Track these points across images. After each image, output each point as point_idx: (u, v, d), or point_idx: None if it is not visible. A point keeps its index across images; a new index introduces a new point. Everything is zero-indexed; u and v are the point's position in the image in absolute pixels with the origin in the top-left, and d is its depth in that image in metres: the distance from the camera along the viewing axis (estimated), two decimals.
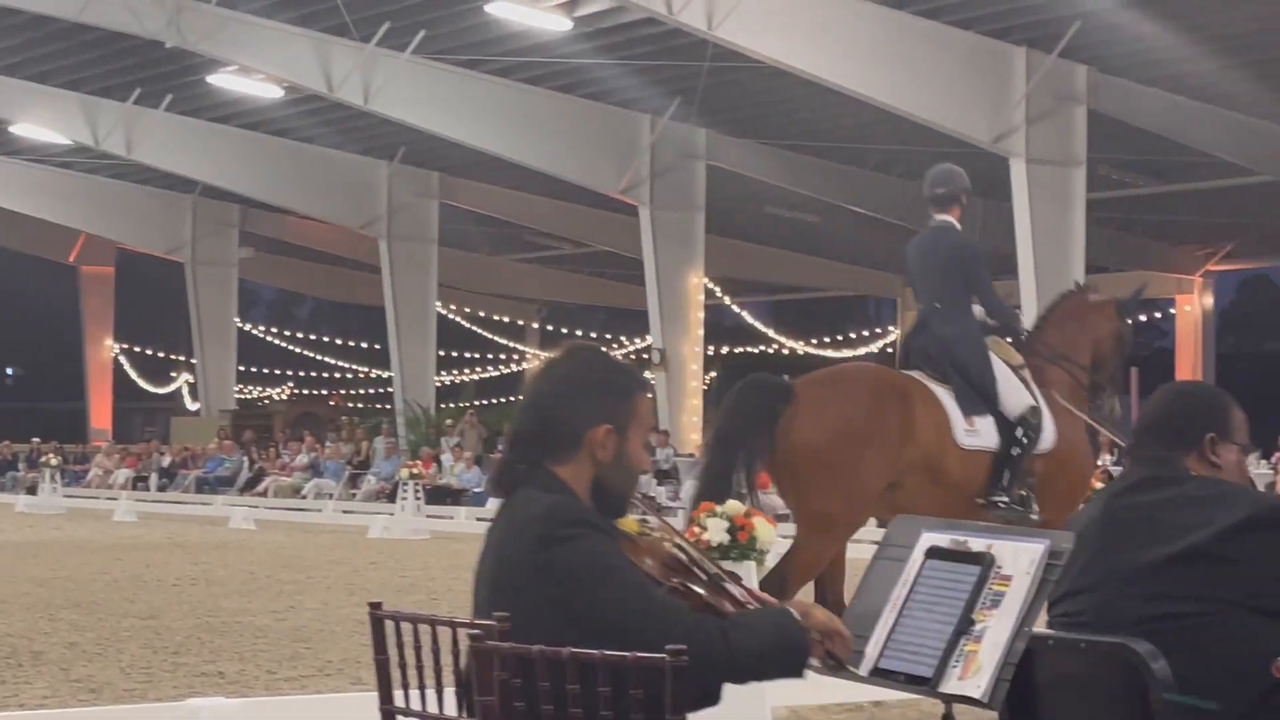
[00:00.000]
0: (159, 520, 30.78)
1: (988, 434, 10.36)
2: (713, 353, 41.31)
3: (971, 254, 10.92)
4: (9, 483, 42.86)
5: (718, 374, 42.87)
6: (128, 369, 54.55)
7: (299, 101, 36.60)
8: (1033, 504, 10.38)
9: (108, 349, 54.20)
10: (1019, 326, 11.20)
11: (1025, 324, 11.43)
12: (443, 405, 43.57)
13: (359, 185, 41.53)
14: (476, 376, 50.21)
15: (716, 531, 9.46)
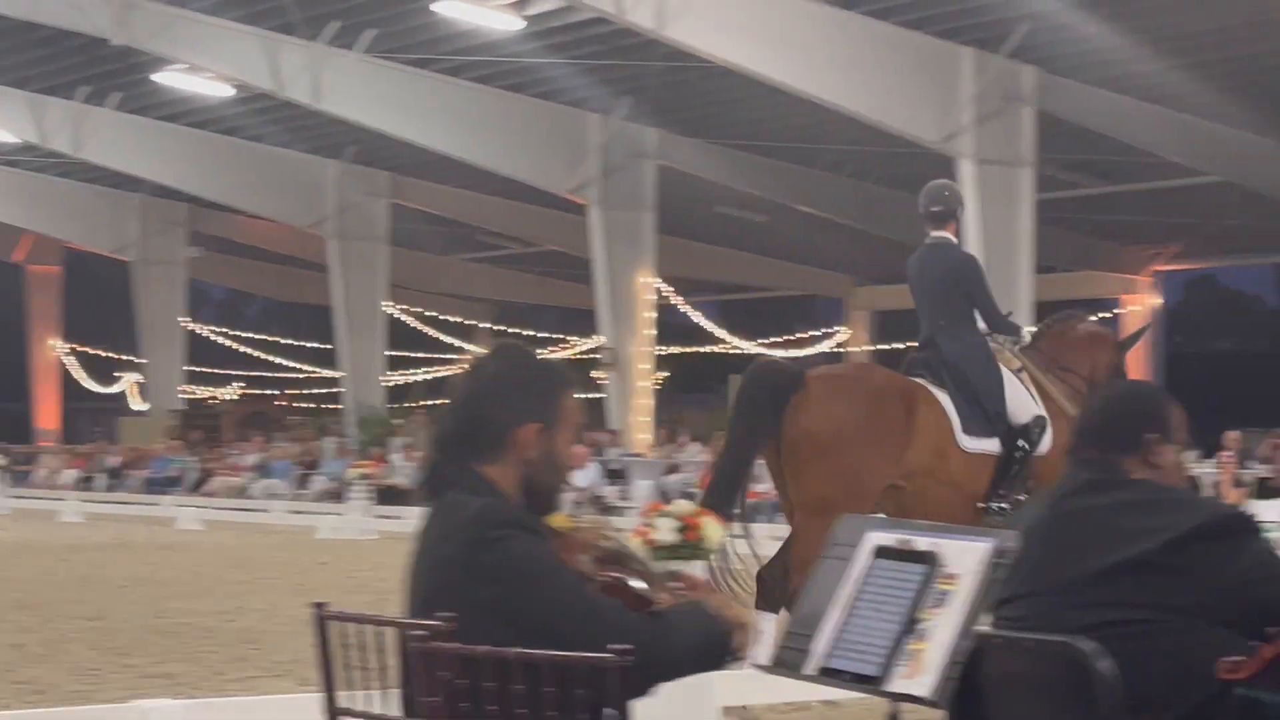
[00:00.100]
0: (106, 521, 30.61)
1: (990, 438, 10.48)
2: (663, 352, 41.27)
3: (970, 269, 11.08)
4: None
5: (668, 374, 42.89)
6: (75, 368, 54.20)
7: (248, 100, 36.43)
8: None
9: (54, 349, 53.84)
10: (1019, 334, 11.33)
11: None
12: (393, 405, 43.45)
13: (308, 184, 41.38)
14: (427, 376, 50.06)
15: (666, 531, 9.47)
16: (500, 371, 4.26)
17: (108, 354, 54.65)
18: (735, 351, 46.92)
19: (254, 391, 52.37)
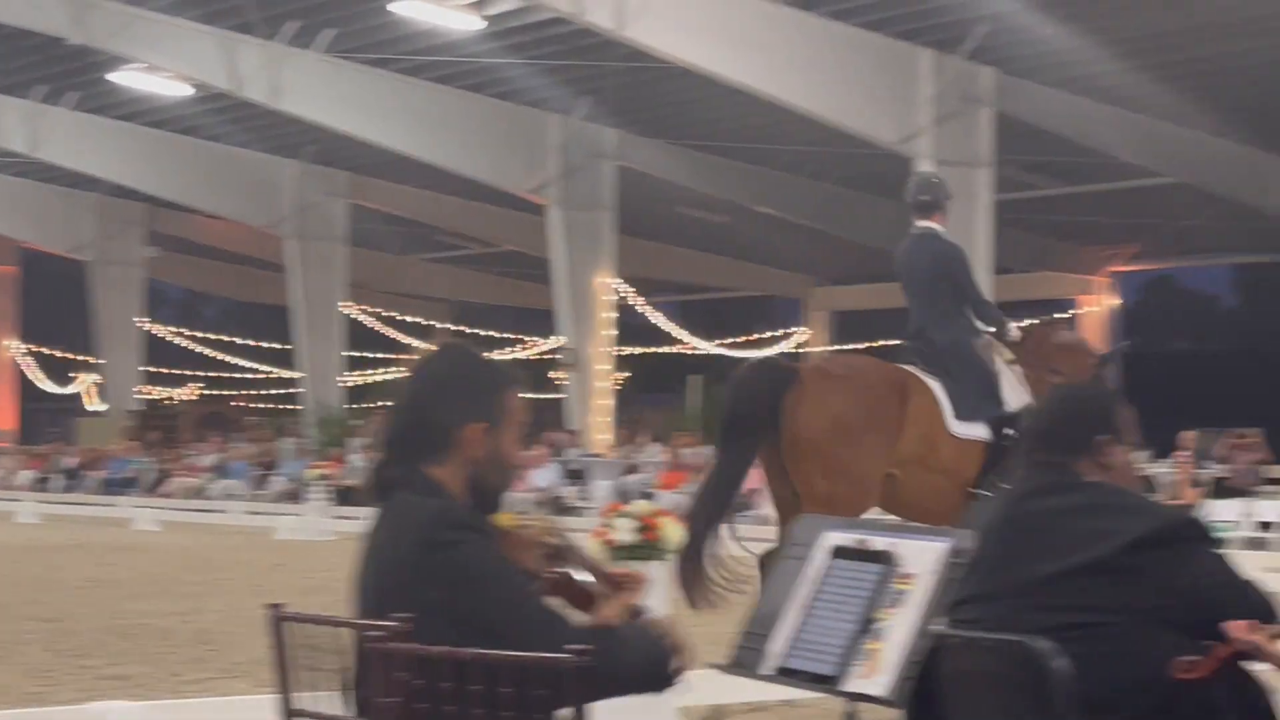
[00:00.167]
0: (63, 522, 30.44)
1: (980, 423, 10.56)
2: (622, 352, 41.23)
3: (957, 259, 11.19)
4: None
5: (628, 374, 42.85)
6: (32, 369, 53.89)
7: (206, 100, 36.27)
8: None
9: (10, 349, 53.53)
10: (1008, 328, 11.43)
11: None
12: (352, 405, 43.32)
13: (266, 184, 41.24)
14: (386, 377, 49.91)
15: (624, 531, 9.46)
16: (444, 372, 4.26)
17: (64, 354, 54.34)
18: (695, 352, 46.94)
19: (212, 392, 52.17)
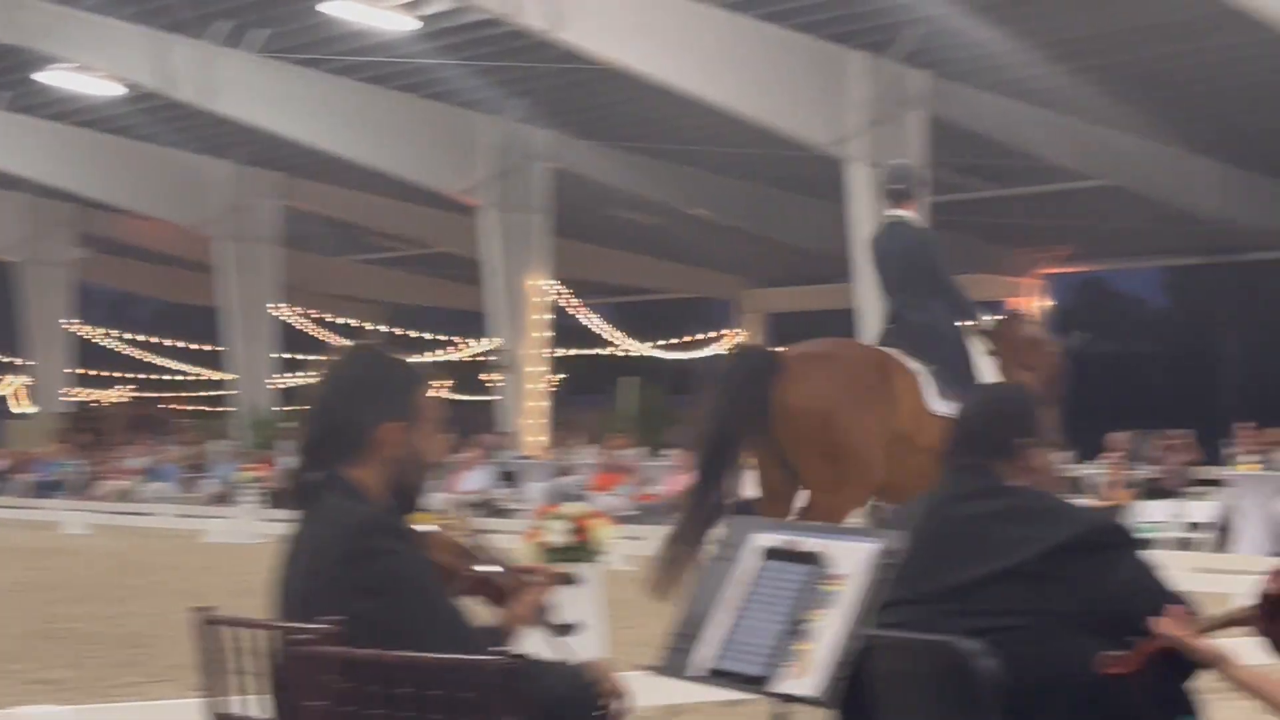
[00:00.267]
0: None
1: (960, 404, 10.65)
2: (556, 354, 41.19)
3: (931, 246, 11.44)
4: None
5: (562, 376, 42.83)
6: None
7: (137, 99, 36.01)
8: None
9: None
10: (979, 316, 11.57)
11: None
12: (283, 408, 43.10)
13: (197, 185, 40.99)
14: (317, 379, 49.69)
15: (557, 533, 9.47)
16: (356, 373, 4.26)
17: None
18: (628, 354, 46.97)
19: (142, 394, 51.85)
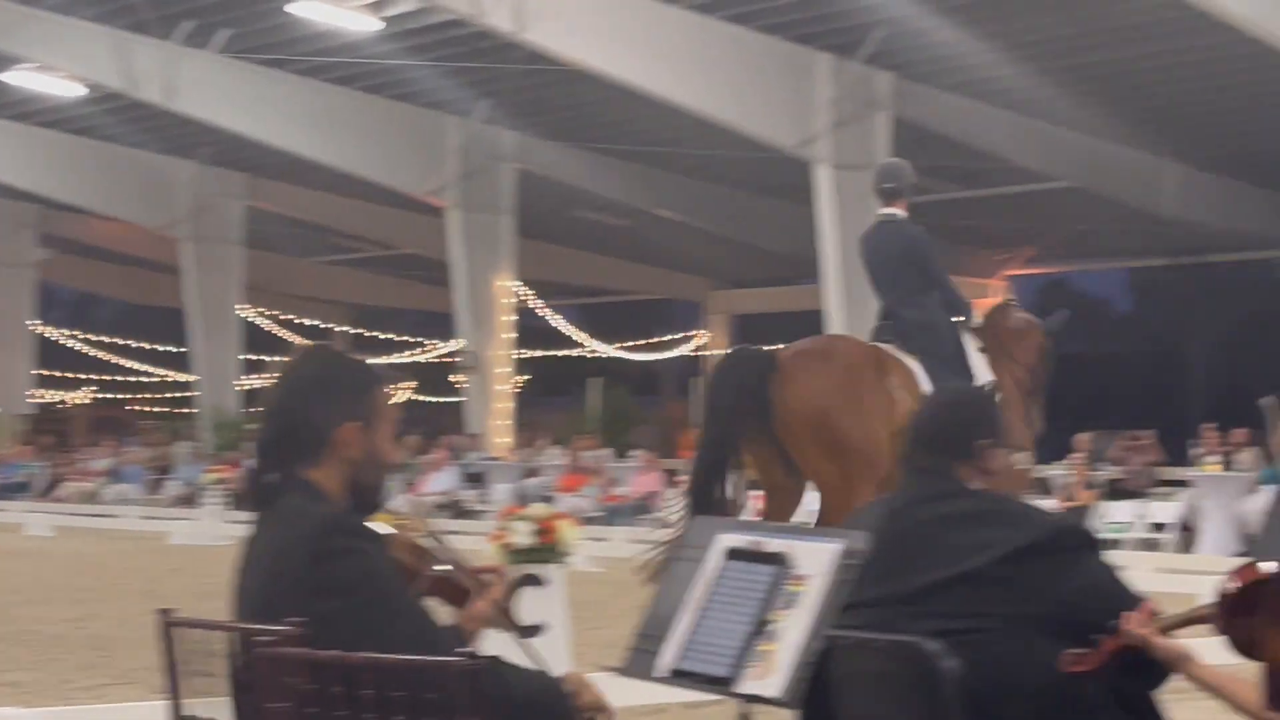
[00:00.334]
0: None
1: None
2: (522, 355, 41.16)
3: (924, 244, 11.63)
4: None
5: (528, 377, 42.81)
6: None
7: (100, 100, 35.87)
8: None
9: None
10: (971, 313, 11.66)
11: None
12: (248, 409, 42.97)
13: (161, 185, 40.84)
14: None
15: (522, 534, 9.46)
16: (312, 374, 4.25)
17: None
18: (594, 355, 46.96)
19: (106, 395, 51.62)
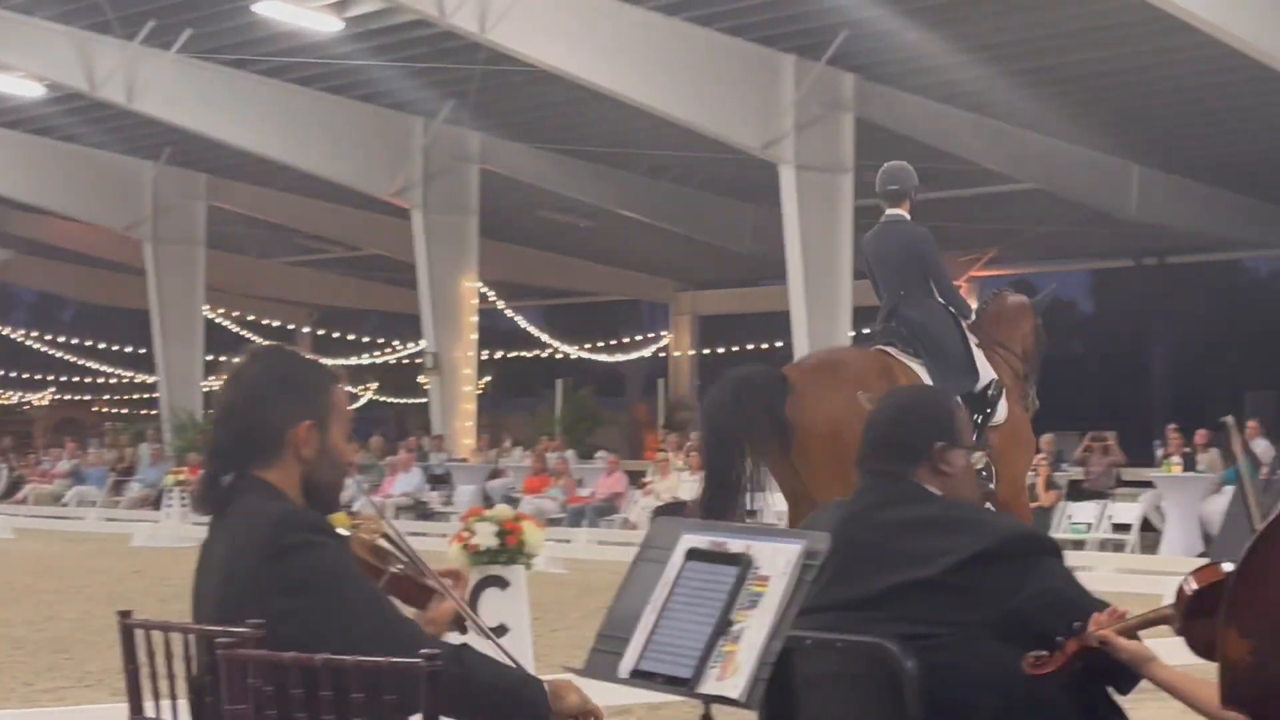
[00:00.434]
0: None
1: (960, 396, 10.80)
2: (487, 357, 41.14)
3: (927, 244, 11.81)
4: None
5: (492, 378, 42.79)
6: None
7: (60, 100, 35.69)
8: (993, 473, 10.82)
9: None
10: (970, 312, 11.81)
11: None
12: (211, 411, 42.84)
13: (124, 186, 40.66)
14: None
15: (485, 536, 9.45)
16: (264, 374, 4.23)
17: None
18: (559, 356, 46.96)
19: (67, 397, 51.46)
